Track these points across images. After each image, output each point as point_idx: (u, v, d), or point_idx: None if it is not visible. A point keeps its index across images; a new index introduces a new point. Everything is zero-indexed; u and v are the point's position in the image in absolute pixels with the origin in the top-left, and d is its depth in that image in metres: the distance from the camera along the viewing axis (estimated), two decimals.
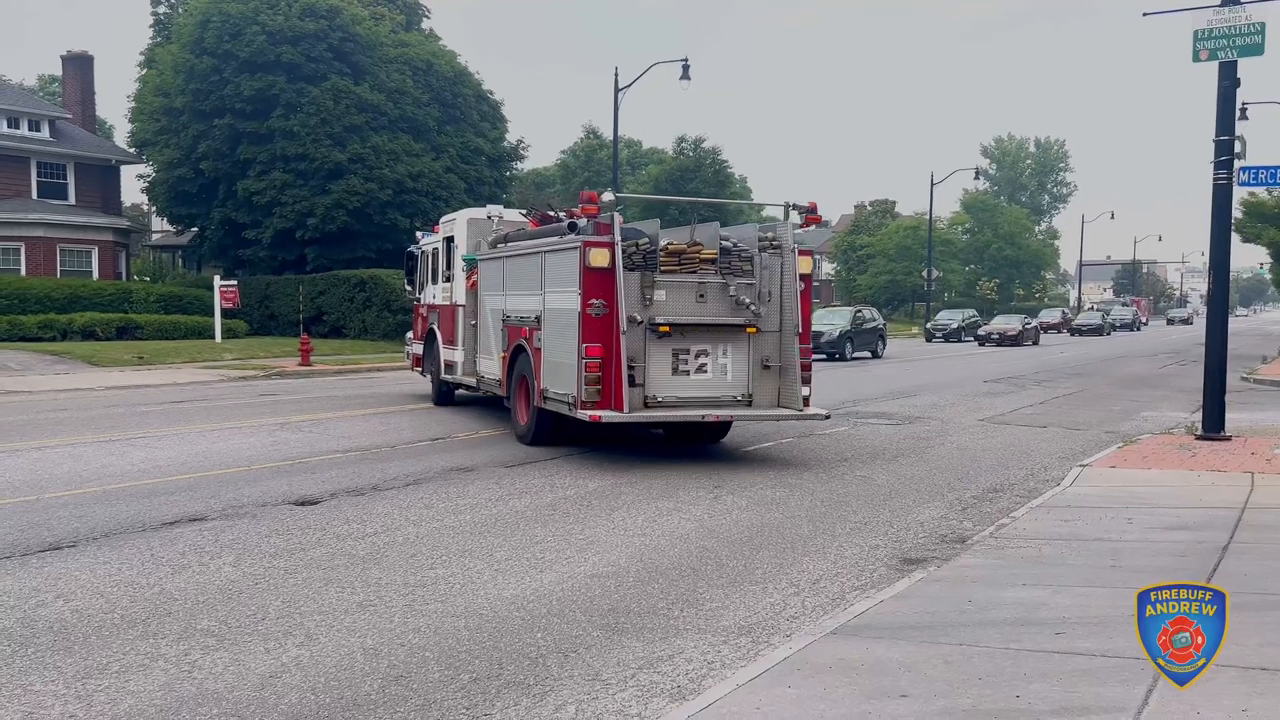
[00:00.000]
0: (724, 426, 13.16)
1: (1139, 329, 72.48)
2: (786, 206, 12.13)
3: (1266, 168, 14.35)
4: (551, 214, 14.92)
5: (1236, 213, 37.52)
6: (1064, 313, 69.28)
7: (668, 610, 6.52)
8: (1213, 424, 13.69)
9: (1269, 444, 13.04)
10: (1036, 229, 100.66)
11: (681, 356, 11.25)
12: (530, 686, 5.24)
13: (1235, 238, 38.32)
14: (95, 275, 38.19)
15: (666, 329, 11.07)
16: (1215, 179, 13.52)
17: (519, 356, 13.00)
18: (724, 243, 11.55)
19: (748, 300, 11.39)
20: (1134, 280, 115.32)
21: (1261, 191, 37.44)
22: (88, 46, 51.78)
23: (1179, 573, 6.83)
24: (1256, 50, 12.80)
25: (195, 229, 42.07)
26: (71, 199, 39.68)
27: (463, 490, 10.24)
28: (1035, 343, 48.18)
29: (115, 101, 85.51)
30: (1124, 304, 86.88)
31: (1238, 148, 13.35)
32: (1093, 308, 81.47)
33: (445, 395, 17.62)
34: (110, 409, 17.27)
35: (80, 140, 41.69)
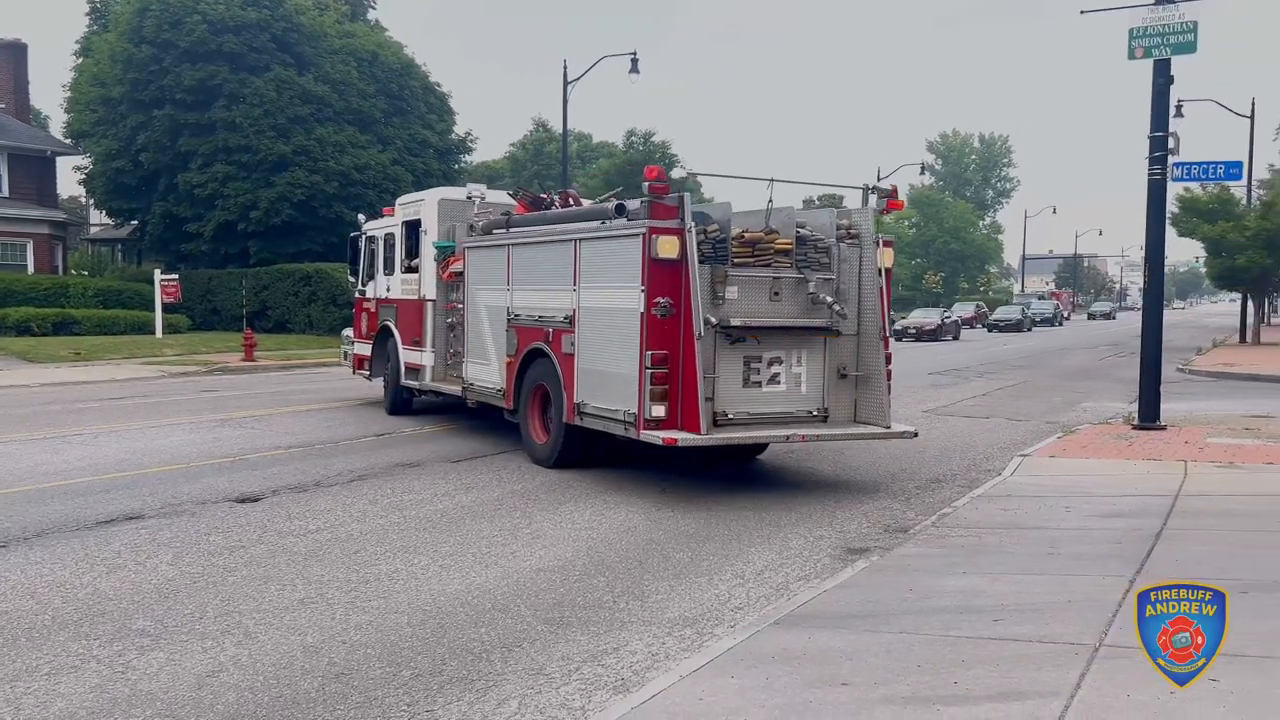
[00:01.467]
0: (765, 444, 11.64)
1: (1060, 324, 69.90)
2: (865, 190, 10.61)
3: (1199, 163, 14.70)
4: (544, 196, 13.52)
5: (1173, 208, 38.38)
6: (978, 306, 67.21)
7: (613, 603, 6.53)
8: (1149, 414, 14.00)
9: (1202, 433, 13.35)
10: (981, 223, 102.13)
11: (754, 365, 9.67)
12: (473, 682, 5.21)
13: (1171, 232, 39.23)
14: (30, 269, 37.28)
15: (742, 333, 9.51)
16: (1150, 174, 13.82)
17: (534, 363, 11.30)
18: (799, 231, 10.03)
19: (828, 298, 9.86)
20: (1075, 274, 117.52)
21: (1196, 187, 38.34)
22: (21, 34, 50.26)
23: (1114, 560, 6.98)
24: (1189, 48, 13.09)
25: (135, 222, 41.24)
26: (5, 191, 38.66)
27: (408, 486, 10.15)
28: (955, 337, 47.08)
29: (50, 91, 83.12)
30: (1041, 298, 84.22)
31: (1171, 144, 13.63)
32: (1012, 301, 78.57)
33: (403, 404, 15.44)
34: (46, 406, 16.86)
35: (13, 131, 40.58)
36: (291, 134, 35.82)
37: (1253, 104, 38.85)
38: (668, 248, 9.15)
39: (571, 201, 13.30)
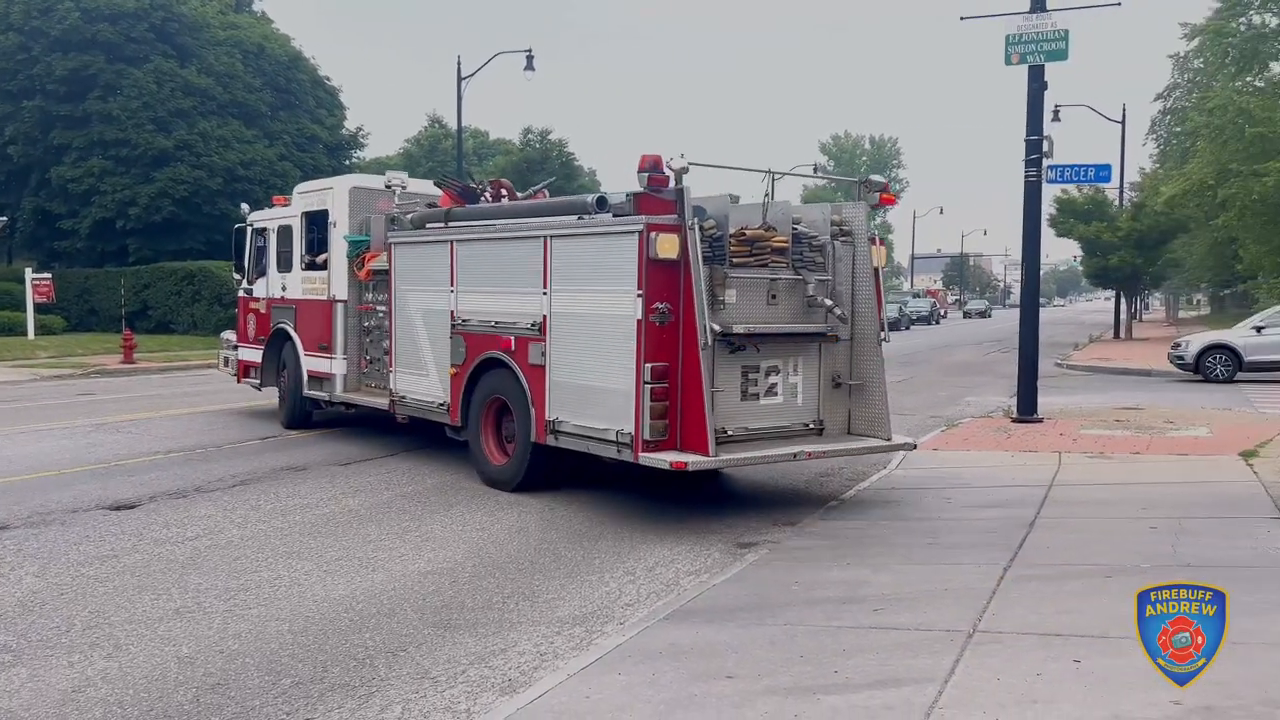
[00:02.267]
0: None
1: (937, 322, 69.56)
2: (858, 184, 9.87)
3: (1071, 166, 15.33)
4: (474, 186, 12.35)
5: (1051, 209, 40.00)
6: None
7: (503, 604, 6.48)
8: (1027, 408, 14.55)
9: (1076, 425, 13.93)
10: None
11: (751, 376, 8.82)
12: (356, 688, 5.11)
13: (1050, 232, 40.91)
14: None
15: (743, 340, 8.58)
16: (1026, 176, 14.37)
17: (488, 374, 10.16)
18: (795, 228, 9.14)
19: (827, 301, 9.06)
20: (962, 273, 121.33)
21: (1073, 189, 40.01)
22: None
23: (990, 549, 7.22)
24: (1061, 55, 13.64)
25: (4, 218, 39.23)
26: None
27: (293, 490, 9.90)
28: None
29: None
30: (917, 295, 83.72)
31: (1046, 147, 14.20)
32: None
33: (303, 416, 13.87)
34: None
35: None
36: (173, 128, 34.65)
37: (1123, 110, 40.79)
38: (668, 247, 8.19)
39: (505, 192, 12.21)
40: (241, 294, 15.48)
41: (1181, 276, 63.48)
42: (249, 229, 15.14)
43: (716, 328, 8.24)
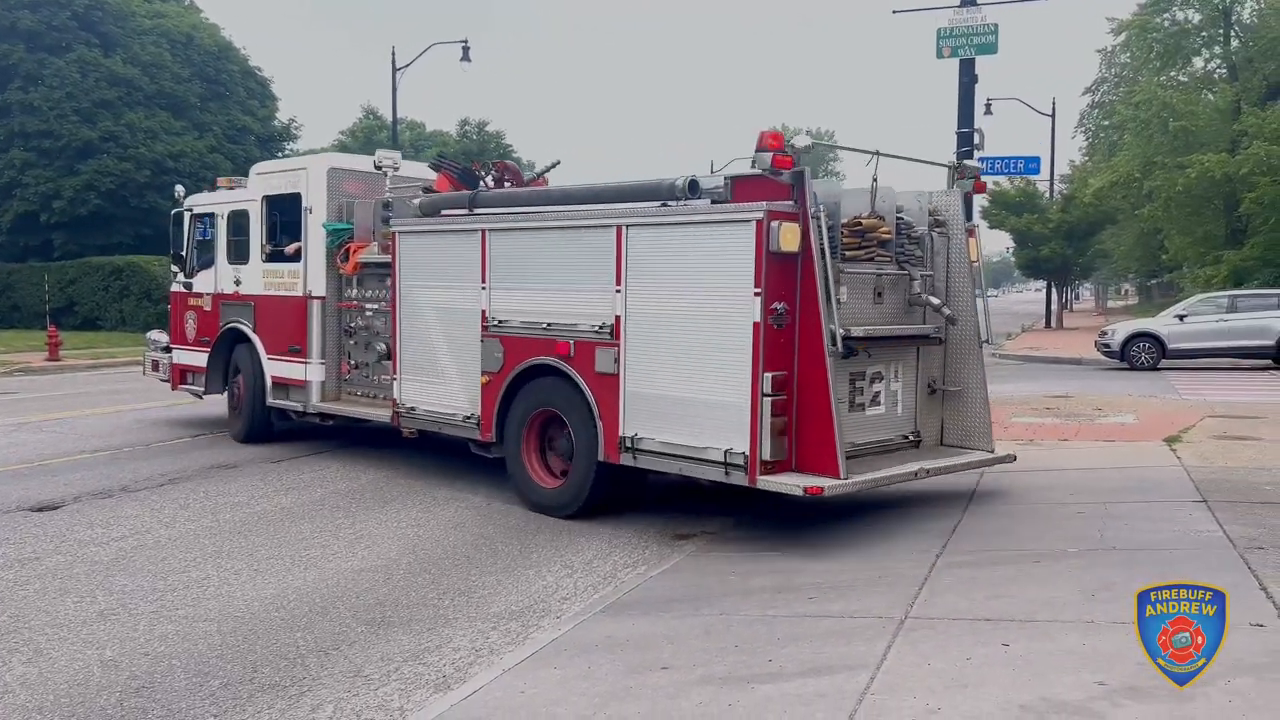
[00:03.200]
0: None
1: None
2: (951, 169, 8.87)
3: (1001, 158, 15.64)
4: (474, 167, 11.02)
5: (983, 201, 40.71)
6: None
7: (438, 601, 6.42)
8: None
9: (1008, 413, 14.18)
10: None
11: (858, 384, 7.97)
12: (286, 688, 5.03)
13: (983, 224, 41.64)
14: None
15: (857, 344, 7.61)
16: None
17: (533, 383, 8.92)
18: (899, 217, 8.30)
19: (933, 300, 8.26)
20: None
21: (1005, 181, 40.77)
22: None
23: (922, 536, 7.33)
24: (990, 49, 13.88)
25: None
26: None
27: (223, 488, 9.70)
28: None
29: None
30: None
31: (977, 139, 14.42)
32: None
33: (263, 429, 12.23)
34: None
35: None
36: (98, 119, 33.74)
37: (1053, 104, 41.54)
38: (790, 239, 7.18)
39: (508, 175, 11.01)
40: (177, 288, 13.61)
41: (1110, 267, 65.10)
42: (187, 214, 13.35)
43: (842, 331, 7.29)
